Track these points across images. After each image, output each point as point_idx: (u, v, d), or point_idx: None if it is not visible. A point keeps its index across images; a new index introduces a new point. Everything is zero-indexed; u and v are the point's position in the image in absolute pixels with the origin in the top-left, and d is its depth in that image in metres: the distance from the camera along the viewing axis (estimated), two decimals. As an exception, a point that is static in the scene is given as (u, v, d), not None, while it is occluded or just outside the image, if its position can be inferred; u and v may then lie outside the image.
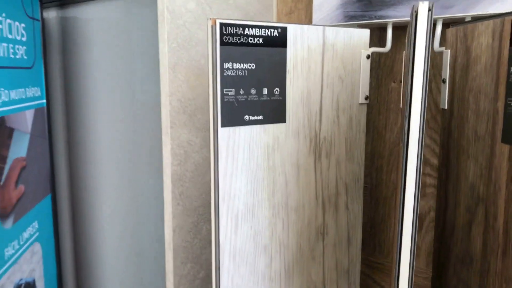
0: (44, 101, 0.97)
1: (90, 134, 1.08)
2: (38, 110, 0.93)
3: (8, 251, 0.78)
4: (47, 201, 0.98)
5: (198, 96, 0.88)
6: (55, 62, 1.11)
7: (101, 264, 1.14)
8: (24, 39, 0.87)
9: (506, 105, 0.49)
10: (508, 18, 0.49)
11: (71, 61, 1.09)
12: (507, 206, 0.49)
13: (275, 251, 0.66)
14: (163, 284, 1.03)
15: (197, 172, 0.89)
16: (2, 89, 0.77)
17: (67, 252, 1.18)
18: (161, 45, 0.81)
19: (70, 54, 1.08)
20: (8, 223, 0.78)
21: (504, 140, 0.49)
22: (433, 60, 0.77)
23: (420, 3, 0.41)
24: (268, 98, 0.62)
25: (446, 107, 0.65)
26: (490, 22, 0.52)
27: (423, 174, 0.84)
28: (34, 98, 0.91)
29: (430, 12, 0.41)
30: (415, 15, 0.41)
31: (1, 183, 0.76)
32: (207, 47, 0.86)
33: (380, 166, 0.90)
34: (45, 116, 0.97)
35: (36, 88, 0.93)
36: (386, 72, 0.85)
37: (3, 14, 0.77)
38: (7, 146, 0.78)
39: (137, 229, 1.05)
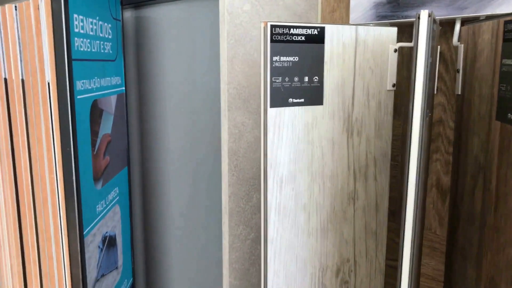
0: (124, 88, 1.16)
1: (158, 117, 1.27)
2: (119, 96, 1.13)
3: (99, 208, 0.98)
4: (124, 172, 1.18)
5: (251, 84, 1.03)
6: (130, 55, 1.31)
7: (165, 225, 1.33)
8: (110, 36, 1.06)
9: (499, 90, 0.61)
10: (502, 20, 0.60)
11: (143, 55, 1.28)
12: (498, 171, 0.61)
13: (312, 210, 0.81)
14: (219, 243, 1.21)
15: (249, 149, 1.05)
16: (96, 77, 0.96)
17: (137, 214, 1.38)
18: (221, 41, 0.97)
19: (143, 49, 1.27)
20: (99, 185, 0.98)
21: (497, 118, 0.61)
22: (455, 53, 0.88)
23: (422, 11, 0.54)
24: (309, 85, 0.77)
25: (460, 93, 0.77)
26: (490, 22, 0.64)
27: (447, 153, 0.95)
28: (116, 86, 1.11)
29: (430, 17, 0.54)
30: (417, 20, 0.54)
31: (95, 152, 0.95)
32: (259, 43, 1.02)
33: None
34: (124, 101, 1.17)
35: (118, 77, 1.12)
36: (415, 63, 0.97)
37: (97, 17, 0.96)
38: (98, 124, 0.97)
39: (198, 196, 1.23)
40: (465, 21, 0.83)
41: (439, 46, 0.86)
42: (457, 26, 0.80)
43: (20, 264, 1.13)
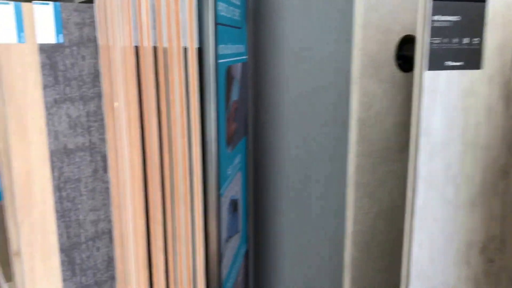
0: (246, 57, 1.17)
1: (278, 86, 1.27)
2: (243, 65, 1.13)
3: (228, 171, 1.00)
4: (244, 141, 1.20)
5: (383, 51, 0.99)
6: (250, 24, 1.31)
7: (280, 195, 1.34)
8: (239, 3, 1.06)
9: None
10: None
11: (264, 23, 1.27)
12: None
13: (462, 182, 0.77)
14: (338, 214, 1.19)
15: (377, 119, 1.01)
16: (230, 44, 0.97)
17: (251, 184, 1.41)
18: (357, 6, 0.93)
19: (264, 17, 1.27)
20: (229, 149, 1.00)
21: None
22: None
23: None
24: (468, 47, 0.72)
25: None
26: None
27: None
28: (241, 54, 1.12)
29: None
30: None
31: (227, 117, 0.97)
32: (394, 8, 0.97)
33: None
34: (247, 70, 1.18)
35: (242, 45, 1.13)
36: None
37: (232, -17, 0.97)
38: (230, 90, 0.99)
39: (318, 166, 1.22)
40: None
41: None
42: None
43: (144, 224, 1.19)
